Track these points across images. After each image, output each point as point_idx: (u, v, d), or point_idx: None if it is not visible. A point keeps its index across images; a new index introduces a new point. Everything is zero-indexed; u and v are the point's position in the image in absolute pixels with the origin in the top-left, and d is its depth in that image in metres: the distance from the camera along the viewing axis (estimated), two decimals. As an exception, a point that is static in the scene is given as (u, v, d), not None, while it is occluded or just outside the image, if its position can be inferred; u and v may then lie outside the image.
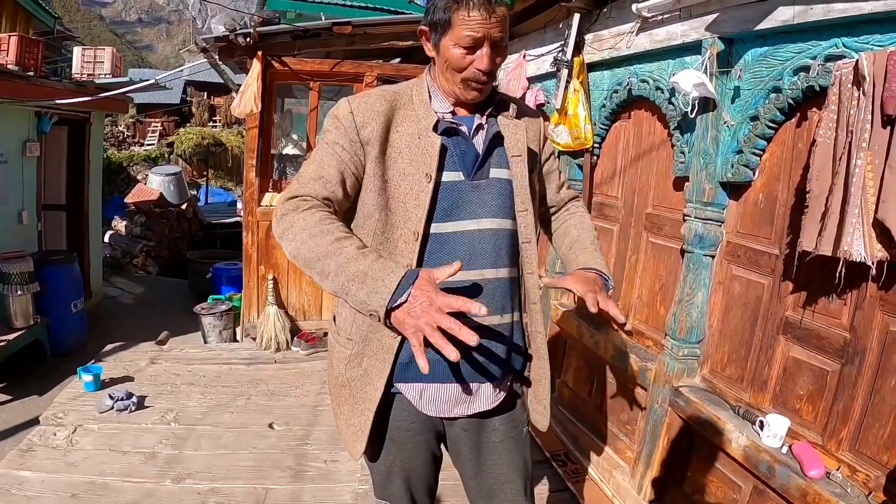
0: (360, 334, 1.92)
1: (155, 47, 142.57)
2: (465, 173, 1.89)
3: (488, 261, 1.90)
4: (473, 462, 2.11)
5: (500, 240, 1.93)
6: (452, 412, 1.98)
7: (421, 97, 1.92)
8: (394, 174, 1.85)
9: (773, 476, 2.78)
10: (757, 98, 3.07)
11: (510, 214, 1.96)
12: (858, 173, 2.34)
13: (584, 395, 4.65)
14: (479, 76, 1.80)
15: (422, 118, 1.88)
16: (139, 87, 8.27)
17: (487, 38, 1.74)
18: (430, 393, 1.94)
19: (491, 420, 2.06)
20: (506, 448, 2.10)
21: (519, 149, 1.99)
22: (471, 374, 1.92)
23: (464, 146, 1.90)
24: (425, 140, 1.85)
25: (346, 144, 1.83)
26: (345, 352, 1.98)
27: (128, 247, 14.11)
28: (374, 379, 1.90)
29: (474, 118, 1.95)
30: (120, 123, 32.67)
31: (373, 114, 1.84)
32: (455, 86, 1.86)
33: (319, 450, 4.40)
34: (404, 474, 2.07)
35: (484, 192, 1.91)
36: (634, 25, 3.82)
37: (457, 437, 2.08)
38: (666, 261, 3.91)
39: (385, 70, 6.77)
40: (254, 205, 6.56)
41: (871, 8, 2.40)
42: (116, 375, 5.58)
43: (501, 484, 2.10)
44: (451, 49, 1.78)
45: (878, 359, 2.56)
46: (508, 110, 2.03)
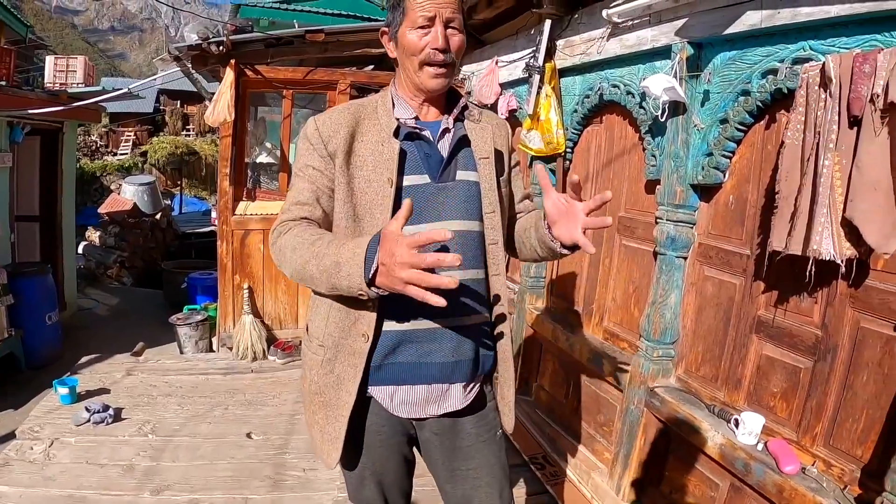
0: (332, 340, 1.94)
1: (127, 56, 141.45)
2: (430, 176, 1.92)
3: None
4: (446, 467, 2.12)
5: (466, 241, 1.94)
6: (424, 413, 1.99)
7: (385, 106, 1.97)
8: (359, 182, 1.89)
9: (750, 473, 2.82)
10: (726, 101, 3.12)
11: (477, 216, 1.98)
12: (826, 173, 2.39)
13: (560, 397, 4.68)
14: (436, 55, 1.84)
15: (384, 126, 1.93)
16: (112, 96, 8.19)
17: (440, 17, 1.82)
18: (401, 395, 1.96)
19: (462, 424, 2.07)
20: (478, 452, 2.10)
21: (486, 151, 2.02)
22: (440, 375, 1.95)
23: (427, 149, 1.94)
24: (387, 146, 1.89)
25: (317, 163, 1.91)
26: (317, 358, 1.99)
27: (102, 258, 13.95)
28: (346, 384, 1.92)
29: (440, 122, 1.98)
30: (93, 133, 32.44)
31: (337, 126, 1.91)
32: (415, 74, 1.90)
33: (298, 458, 4.38)
34: (377, 478, 2.08)
35: (450, 195, 1.93)
36: (605, 31, 3.87)
37: (428, 441, 2.10)
38: (639, 263, 3.95)
39: (358, 77, 6.77)
40: (228, 214, 6.51)
41: (837, 11, 2.45)
42: (92, 388, 5.51)
43: (476, 489, 2.11)
44: (407, 35, 1.85)
45: (850, 355, 2.61)
46: (475, 114, 2.07)
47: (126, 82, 17.65)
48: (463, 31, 1.90)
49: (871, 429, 2.51)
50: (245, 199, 6.81)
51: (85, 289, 11.27)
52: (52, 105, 7.65)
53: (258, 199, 7.08)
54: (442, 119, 1.99)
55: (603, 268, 4.32)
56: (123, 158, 30.45)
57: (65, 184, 9.16)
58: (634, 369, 3.69)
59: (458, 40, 1.88)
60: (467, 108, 2.06)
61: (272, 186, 8.96)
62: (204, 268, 10.13)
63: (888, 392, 2.45)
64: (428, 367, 1.92)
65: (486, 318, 2.05)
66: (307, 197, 1.90)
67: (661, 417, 3.48)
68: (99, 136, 32.70)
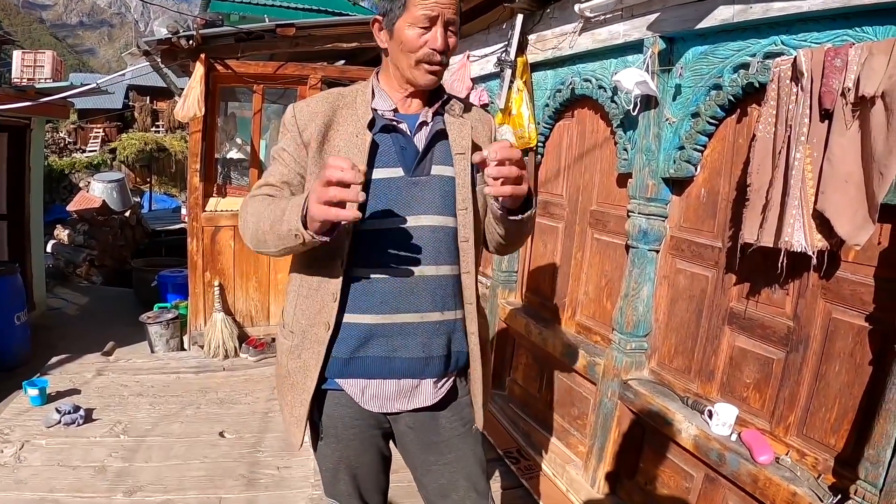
0: (300, 327, 1.98)
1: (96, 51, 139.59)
2: (404, 169, 1.91)
3: (427, 258, 1.92)
4: (422, 461, 2.13)
5: (439, 237, 1.94)
6: (394, 407, 2.00)
7: (364, 97, 1.96)
8: None
9: (724, 463, 2.84)
10: (698, 95, 3.14)
11: (452, 212, 1.96)
12: (798, 166, 2.41)
13: (534, 391, 4.69)
14: (434, 56, 1.84)
15: (360, 117, 1.92)
16: (81, 92, 8.06)
17: (442, 18, 1.81)
18: (372, 389, 1.97)
19: (437, 418, 2.08)
20: (454, 446, 2.11)
21: (463, 146, 1.99)
22: (411, 370, 1.96)
23: (403, 142, 1.93)
24: (360, 137, 1.89)
25: (291, 148, 1.94)
26: (287, 343, 2.03)
27: (71, 256, 13.75)
28: (311, 370, 1.95)
29: (418, 115, 1.97)
30: (61, 129, 31.90)
31: (313, 115, 1.93)
32: (409, 70, 1.88)
33: (272, 457, 4.35)
34: (351, 472, 2.09)
35: (425, 189, 1.92)
36: (577, 25, 3.88)
37: (403, 435, 2.11)
38: (611, 256, 3.97)
39: (329, 72, 6.73)
40: (198, 210, 6.46)
41: (809, 6, 2.47)
42: (63, 388, 5.43)
43: (453, 482, 2.12)
44: (405, 31, 1.82)
45: (822, 345, 2.64)
46: (456, 109, 2.05)
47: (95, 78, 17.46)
48: (459, 32, 1.91)
49: (843, 418, 2.55)
50: (215, 196, 6.76)
51: (54, 288, 11.12)
52: (19, 101, 7.49)
53: (229, 196, 7.02)
54: (421, 112, 1.98)
55: (575, 261, 4.33)
56: (92, 155, 29.97)
57: (33, 181, 8.98)
58: (608, 362, 3.71)
59: (454, 42, 1.88)
60: (449, 102, 2.05)
61: (242, 182, 8.92)
62: (174, 265, 10.04)
63: (860, 382, 2.49)
64: (398, 361, 1.93)
65: (459, 316, 2.04)
66: (276, 179, 1.94)
67: (635, 410, 3.50)
68: (67, 132, 32.18)
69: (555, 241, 4.55)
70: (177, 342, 7.14)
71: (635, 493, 3.55)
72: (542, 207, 4.69)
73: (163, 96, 34.10)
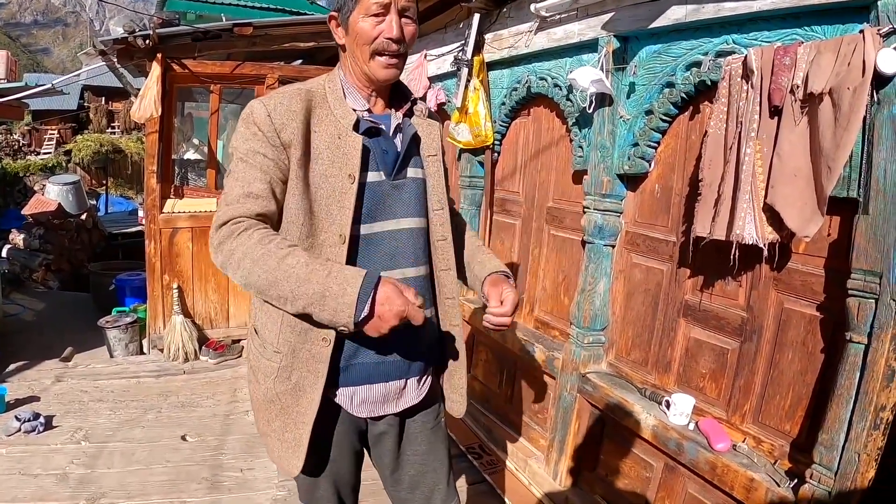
0: (289, 346, 1.85)
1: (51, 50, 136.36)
2: (385, 173, 1.89)
3: (409, 260, 1.94)
4: (394, 455, 2.13)
5: (417, 239, 1.96)
6: (382, 411, 2.00)
7: (336, 94, 1.89)
8: (315, 177, 1.81)
9: (683, 452, 2.91)
10: (651, 93, 3.21)
11: (424, 213, 1.99)
12: (748, 161, 2.49)
13: (494, 387, 4.73)
14: (390, 45, 1.79)
15: (340, 117, 1.85)
16: (35, 93, 7.90)
17: (395, 5, 1.77)
18: (361, 395, 1.94)
19: (412, 414, 2.10)
20: (425, 438, 2.14)
21: (434, 148, 2.02)
22: (396, 372, 1.96)
23: (385, 145, 1.90)
24: (346, 140, 1.82)
25: (268, 151, 1.76)
26: (272, 365, 1.90)
27: (27, 261, 13.43)
28: (307, 391, 1.86)
29: (391, 116, 1.95)
30: (15, 131, 31.27)
31: (291, 114, 1.78)
32: (366, 64, 1.83)
33: (234, 459, 4.33)
34: (332, 477, 2.06)
35: (403, 192, 1.93)
36: (533, 25, 3.92)
37: (381, 435, 2.09)
38: (568, 252, 4.02)
39: (286, 72, 6.69)
40: (156, 212, 6.37)
41: (759, 6, 2.54)
42: (22, 396, 5.32)
43: (423, 474, 2.14)
44: (359, 22, 1.78)
45: (775, 335, 2.72)
46: (422, 110, 2.06)
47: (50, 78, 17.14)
48: (416, 20, 1.86)
49: (798, 405, 2.63)
50: (173, 197, 6.69)
51: (10, 294, 10.86)
52: (-28, 102, 7.39)
53: (186, 197, 6.95)
54: (391, 113, 1.97)
55: (532, 258, 4.38)
56: (47, 158, 29.36)
57: (-13, 185, 8.82)
58: (566, 356, 3.76)
59: (411, 30, 1.84)
60: (415, 104, 2.04)
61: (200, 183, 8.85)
62: (131, 269, 9.87)
63: (813, 369, 2.57)
64: (387, 364, 1.92)
65: (434, 313, 2.07)
66: (260, 188, 1.76)
67: (594, 402, 3.56)
68: (21, 134, 31.54)
69: (512, 238, 4.60)
70: (136, 346, 7.04)
71: (597, 485, 3.61)
72: (500, 205, 4.73)
73: (118, 97, 33.52)
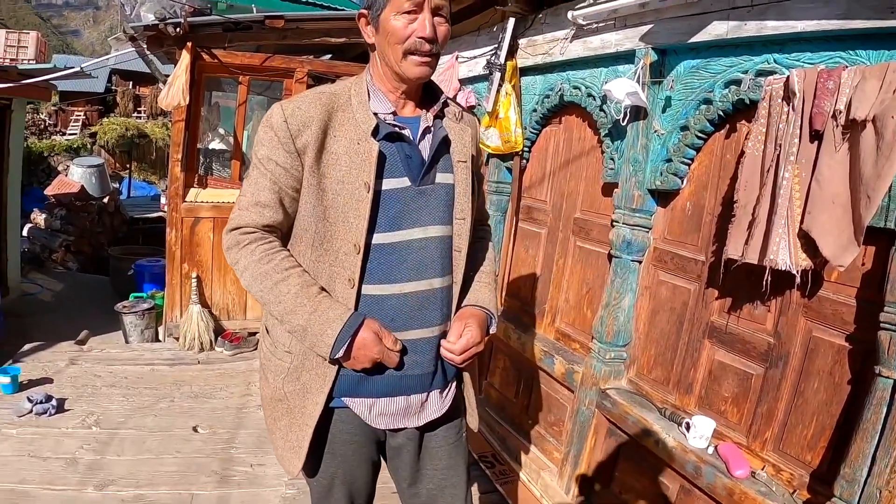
0: (300, 347, 1.86)
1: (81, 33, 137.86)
2: (411, 178, 1.84)
3: (436, 270, 1.89)
4: (413, 468, 2.09)
5: (444, 247, 1.91)
6: (405, 423, 1.96)
7: (360, 98, 1.85)
8: (331, 182, 1.78)
9: (700, 476, 2.86)
10: (688, 109, 3.16)
11: (450, 221, 1.93)
12: (786, 185, 2.43)
13: (510, 396, 4.69)
14: (423, 45, 1.74)
15: (360, 122, 1.81)
16: (64, 75, 7.93)
17: (428, 4, 1.72)
18: (380, 407, 1.91)
19: (434, 427, 2.06)
20: (446, 453, 2.10)
21: (465, 154, 1.95)
22: (418, 385, 1.92)
23: (408, 150, 1.85)
24: (364, 146, 1.78)
25: (281, 158, 1.77)
26: (282, 364, 1.92)
27: (47, 241, 13.55)
28: (313, 393, 1.85)
29: (420, 119, 1.90)
30: (42, 111, 31.56)
31: (308, 119, 1.76)
32: (398, 63, 1.78)
33: (245, 453, 4.32)
34: (346, 486, 2.04)
35: (430, 199, 1.87)
36: (569, 32, 3.88)
37: (400, 446, 2.05)
38: (593, 265, 3.97)
39: (316, 66, 6.69)
40: (178, 200, 6.40)
41: (803, 27, 2.49)
42: (35, 377, 5.36)
43: (442, 489, 2.10)
44: (391, 21, 1.74)
45: (802, 363, 2.66)
46: (455, 112, 2.00)
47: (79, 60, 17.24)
48: (449, 20, 1.81)
49: (820, 435, 2.57)
50: (196, 186, 6.72)
51: (29, 273, 10.95)
52: (0, 81, 7.42)
53: (210, 187, 6.98)
54: (421, 115, 1.91)
55: (557, 268, 4.34)
56: (72, 139, 29.59)
57: (11, 163, 8.87)
58: (586, 370, 3.71)
59: (444, 30, 1.79)
60: (447, 105, 1.99)
61: (224, 174, 8.84)
62: (151, 254, 9.92)
63: (838, 400, 2.51)
64: (409, 378, 1.88)
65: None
66: (269, 198, 1.79)
67: (612, 419, 3.51)
68: (48, 114, 31.84)
69: (537, 247, 4.55)
70: (152, 333, 7.07)
71: (610, 503, 3.56)
72: (526, 213, 4.69)
73: (146, 82, 33.80)
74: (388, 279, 1.83)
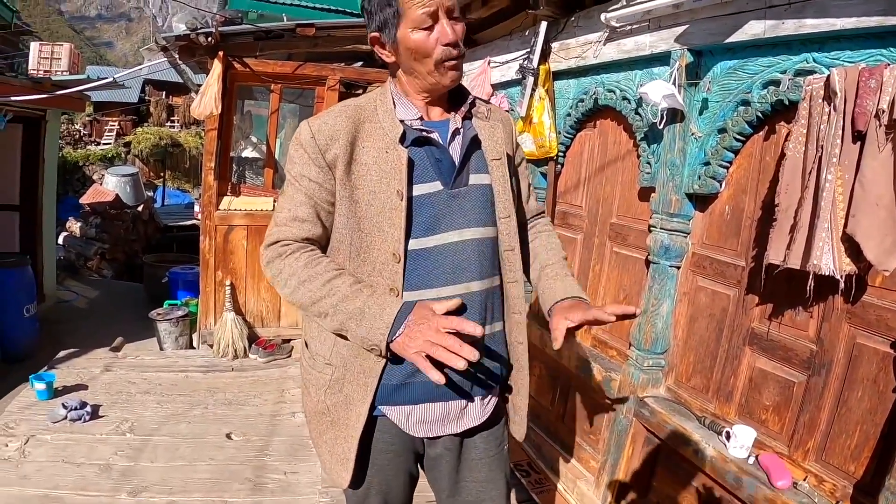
0: (341, 359, 1.86)
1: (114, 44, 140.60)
2: (443, 182, 1.82)
3: (474, 273, 1.86)
4: (452, 479, 2.06)
5: (483, 249, 1.88)
6: (443, 431, 1.93)
7: (385, 107, 1.86)
8: (363, 193, 1.78)
9: (741, 487, 2.79)
10: (725, 110, 3.09)
11: (492, 222, 1.91)
12: (828, 188, 2.36)
13: (546, 404, 4.64)
14: (450, 52, 1.74)
15: (388, 130, 1.81)
16: (97, 86, 8.06)
17: (442, 9, 1.71)
18: (418, 414, 1.88)
19: (473, 437, 2.02)
20: (486, 465, 2.06)
21: (498, 151, 1.94)
22: (459, 391, 1.88)
23: (438, 154, 1.84)
24: (392, 154, 1.78)
25: (314, 174, 1.79)
26: (324, 377, 1.91)
27: (82, 249, 13.79)
28: (356, 404, 1.85)
29: (448, 122, 1.89)
30: (76, 122, 32.26)
31: (335, 133, 1.78)
32: (430, 76, 1.79)
33: (279, 461, 4.32)
34: (382, 496, 2.02)
35: (464, 201, 1.85)
36: (602, 35, 3.82)
37: (439, 457, 2.03)
38: (630, 271, 3.91)
39: (347, 73, 6.72)
40: (212, 209, 6.46)
41: (842, 24, 2.42)
42: (70, 383, 5.42)
43: (480, 502, 2.07)
44: (411, 37, 1.73)
45: (845, 370, 2.58)
46: (483, 111, 1.99)
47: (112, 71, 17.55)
48: (461, 15, 1.80)
49: (864, 445, 2.49)
50: (229, 194, 6.78)
51: (64, 281, 11.13)
52: (35, 92, 7.51)
53: (243, 195, 7.04)
54: (449, 118, 1.90)
55: (593, 274, 4.28)
56: (107, 148, 30.19)
57: (46, 173, 9.02)
58: (624, 378, 3.65)
59: (461, 28, 1.77)
60: (475, 105, 1.98)
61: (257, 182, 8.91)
62: (185, 262, 10.05)
63: (883, 409, 2.43)
64: (448, 383, 1.81)
65: (502, 328, 2.00)
66: (306, 213, 1.81)
67: (651, 428, 3.45)
68: (83, 124, 32.49)
69: (573, 253, 4.49)
70: (186, 340, 7.14)
71: (647, 513, 3.50)
72: (561, 218, 4.64)
73: (179, 92, 34.37)
74: (423, 285, 1.81)
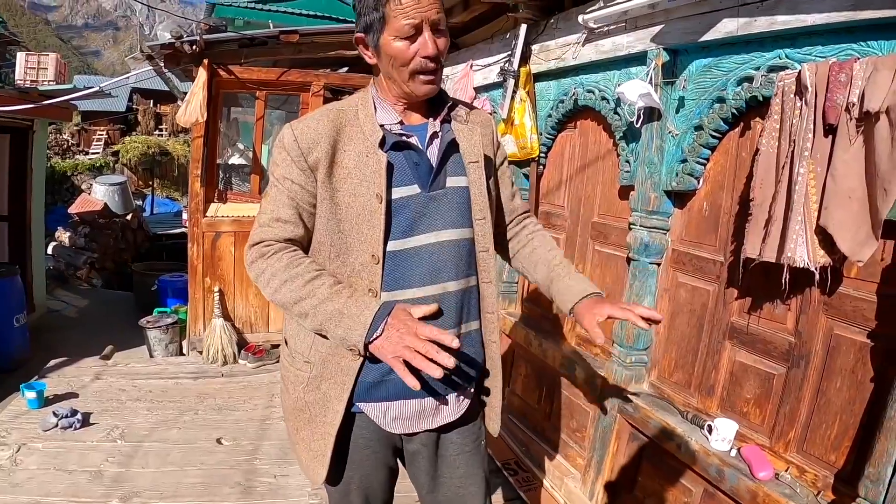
0: (319, 356, 1.88)
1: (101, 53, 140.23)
2: (420, 185, 1.85)
3: (450, 273, 1.89)
4: (430, 475, 2.09)
5: (459, 250, 1.91)
6: (417, 427, 1.96)
7: (367, 111, 1.88)
8: (344, 196, 1.81)
9: (723, 479, 2.82)
10: (701, 108, 3.13)
11: (468, 223, 1.94)
12: (801, 181, 2.40)
13: (533, 403, 4.66)
14: (427, 64, 1.77)
15: (368, 135, 1.84)
16: (84, 95, 8.07)
17: (426, 22, 1.72)
18: (395, 411, 1.91)
19: (449, 433, 2.05)
20: (463, 461, 2.09)
21: (475, 154, 1.96)
22: (433, 388, 1.90)
23: (416, 158, 1.87)
24: (372, 158, 1.81)
25: (296, 176, 1.81)
26: (302, 375, 1.94)
27: (72, 259, 13.75)
28: (333, 402, 1.87)
29: (427, 126, 1.91)
30: (64, 131, 32.13)
31: (317, 136, 1.80)
32: (405, 84, 1.81)
33: (269, 464, 4.34)
34: (363, 492, 2.05)
35: (442, 203, 1.88)
36: (581, 36, 3.86)
37: (416, 452, 2.06)
38: (612, 269, 3.94)
39: (332, 79, 6.75)
40: (199, 216, 6.46)
41: (813, 20, 2.46)
42: (60, 392, 5.43)
43: (460, 498, 2.10)
44: (392, 44, 1.74)
45: (823, 362, 2.62)
46: (461, 114, 2.01)
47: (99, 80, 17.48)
48: (447, 29, 1.82)
49: (844, 435, 2.52)
50: (216, 201, 6.77)
51: (54, 290, 11.11)
52: (22, 103, 7.51)
53: (230, 201, 7.03)
54: (428, 122, 1.92)
55: (576, 273, 4.30)
56: (95, 158, 30.11)
57: (34, 183, 9.02)
58: (607, 375, 3.68)
59: (444, 42, 1.79)
60: (454, 108, 2.00)
61: (244, 188, 8.92)
62: (174, 270, 10.03)
63: (861, 398, 2.46)
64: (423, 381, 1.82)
65: (478, 326, 2.03)
66: (288, 214, 1.83)
67: (635, 423, 3.47)
68: (70, 134, 32.37)
69: (556, 252, 4.52)
70: (175, 347, 7.14)
71: (633, 508, 3.52)
72: (544, 218, 4.66)
73: (166, 100, 34.24)
74: (401, 285, 1.84)
